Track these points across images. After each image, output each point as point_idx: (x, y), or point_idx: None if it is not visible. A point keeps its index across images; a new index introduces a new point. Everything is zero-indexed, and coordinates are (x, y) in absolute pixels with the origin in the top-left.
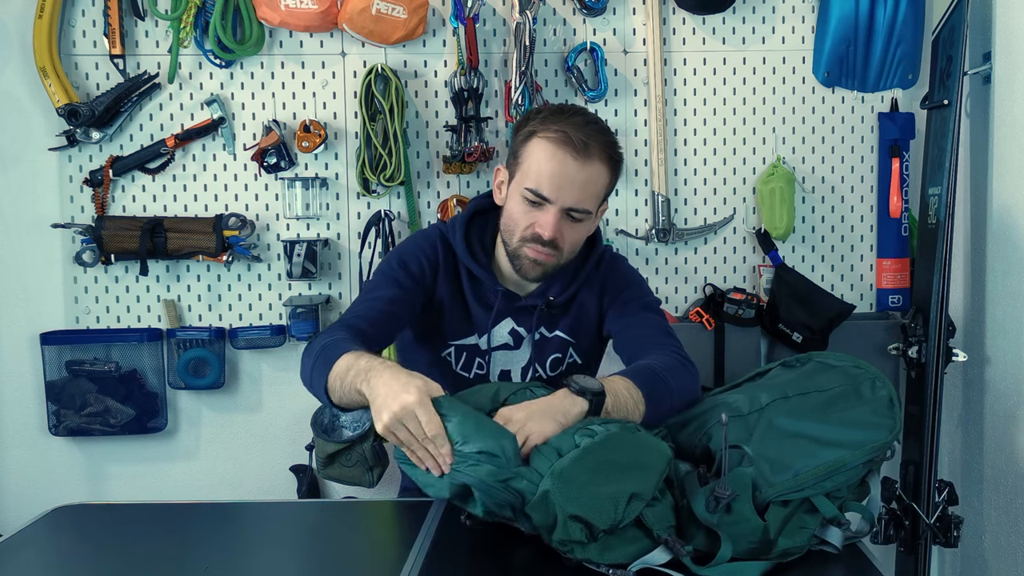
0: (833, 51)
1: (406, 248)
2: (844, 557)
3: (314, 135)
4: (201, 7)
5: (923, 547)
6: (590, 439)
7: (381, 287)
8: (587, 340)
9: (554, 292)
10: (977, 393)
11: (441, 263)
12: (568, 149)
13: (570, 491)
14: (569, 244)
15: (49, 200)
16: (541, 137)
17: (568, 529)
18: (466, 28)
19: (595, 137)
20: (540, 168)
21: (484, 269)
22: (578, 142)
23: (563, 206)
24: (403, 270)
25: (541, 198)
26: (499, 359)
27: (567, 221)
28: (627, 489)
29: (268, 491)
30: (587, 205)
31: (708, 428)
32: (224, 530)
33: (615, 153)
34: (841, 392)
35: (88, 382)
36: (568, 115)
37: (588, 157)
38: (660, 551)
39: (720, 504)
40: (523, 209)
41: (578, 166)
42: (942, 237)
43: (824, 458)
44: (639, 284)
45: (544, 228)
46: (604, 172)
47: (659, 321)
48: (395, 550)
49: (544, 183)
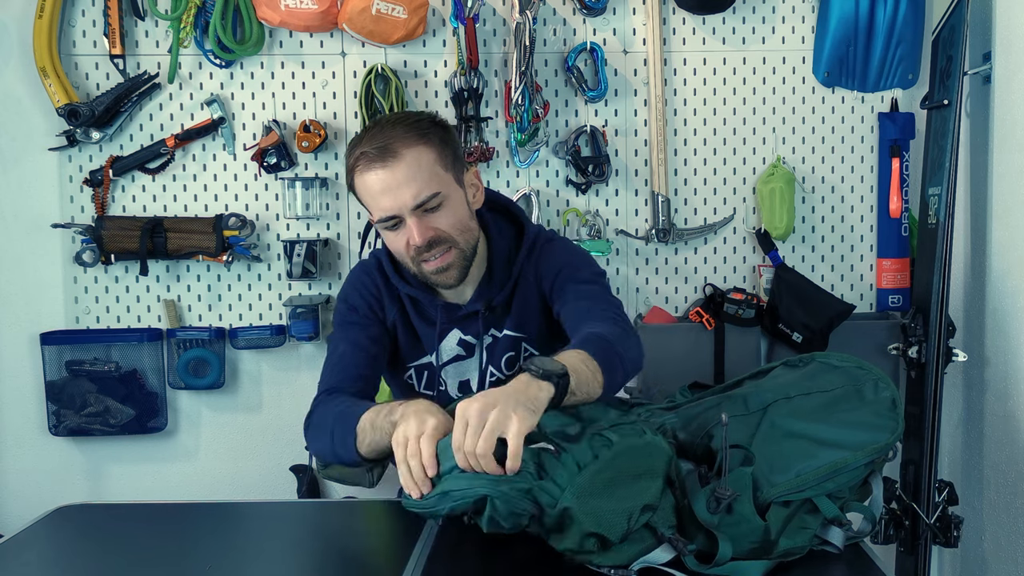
0: (833, 51)
1: (348, 288)
2: (846, 557)
3: (314, 135)
4: (201, 7)
5: (923, 547)
6: (607, 448)
7: (343, 339)
8: (537, 330)
9: (493, 294)
10: (977, 393)
11: (383, 291)
12: (374, 164)
13: (591, 509)
14: (451, 229)
15: (49, 200)
16: (356, 173)
17: (583, 543)
18: (466, 28)
19: (391, 132)
20: (371, 197)
21: (417, 288)
22: (376, 151)
23: (409, 209)
24: (353, 312)
25: (391, 219)
26: (454, 371)
27: (428, 216)
28: (641, 502)
29: (268, 491)
30: (429, 190)
31: (709, 427)
32: (224, 530)
33: (422, 127)
34: (843, 393)
35: (88, 382)
36: (363, 134)
37: (393, 155)
38: (662, 550)
39: (721, 505)
40: (391, 237)
41: (390, 170)
42: (942, 237)
43: (826, 459)
44: (575, 260)
45: (413, 237)
46: (423, 152)
47: (598, 291)
48: (397, 550)
49: (381, 205)
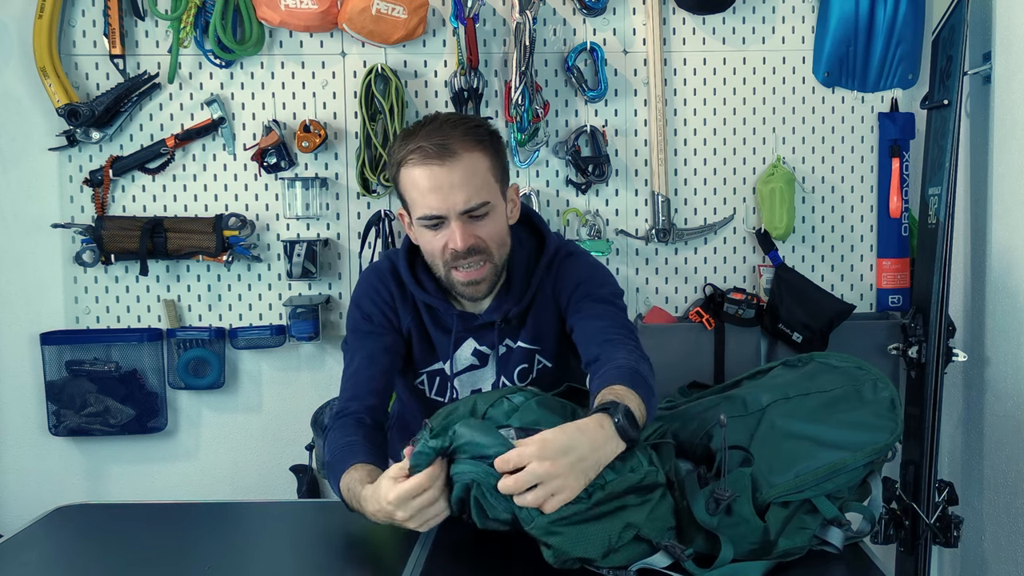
0: (833, 51)
1: (361, 294)
2: (846, 557)
3: (314, 135)
4: (201, 7)
5: (923, 547)
6: (601, 490)
7: (359, 350)
8: (552, 343)
9: (510, 305)
10: (977, 393)
11: (397, 298)
12: (431, 160)
13: (567, 532)
14: (490, 241)
15: (49, 200)
16: (405, 165)
17: (565, 563)
18: (466, 28)
19: (451, 133)
20: (419, 192)
21: (435, 296)
22: (435, 148)
23: (458, 213)
24: (368, 322)
25: (436, 218)
26: (467, 380)
27: (473, 223)
28: (621, 522)
29: (268, 491)
30: (480, 198)
31: (709, 428)
32: (224, 530)
33: (480, 135)
34: (842, 393)
35: (88, 382)
36: (419, 127)
37: (452, 156)
38: (661, 555)
39: (720, 506)
40: (430, 236)
41: (447, 170)
42: (942, 237)
43: (825, 459)
44: (596, 277)
45: (455, 241)
46: (479, 158)
47: (615, 312)
48: (396, 550)
49: (429, 203)
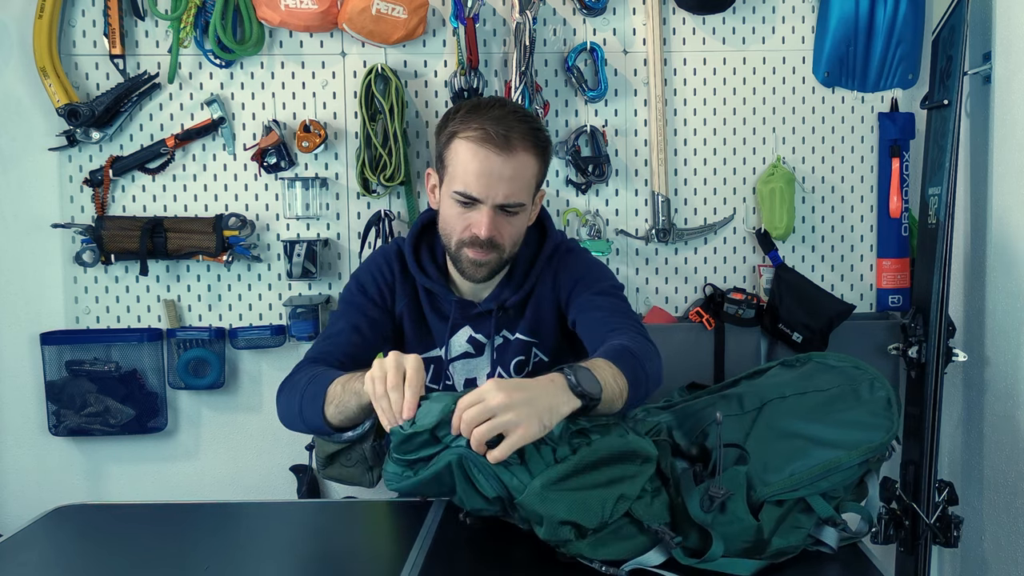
0: (833, 51)
1: (363, 270)
2: (844, 557)
3: (314, 135)
4: (201, 7)
5: (923, 547)
6: (587, 447)
7: (344, 317)
8: (550, 337)
9: (508, 295)
10: (977, 393)
11: (397, 280)
12: (490, 145)
13: (560, 499)
14: (508, 239)
15: (49, 200)
16: (462, 137)
17: (557, 531)
18: (466, 28)
19: (516, 128)
20: (465, 169)
21: (435, 281)
22: (498, 136)
23: (494, 203)
24: (362, 295)
25: (471, 199)
26: (462, 368)
27: (502, 217)
28: (615, 492)
29: (268, 491)
30: (519, 198)
31: (704, 427)
32: (224, 530)
33: (540, 139)
34: (839, 393)
35: (88, 382)
36: (486, 109)
37: (511, 150)
38: (654, 552)
39: (714, 503)
40: (456, 212)
41: (502, 161)
42: (942, 237)
43: (819, 458)
44: (595, 271)
45: (479, 228)
46: (531, 161)
47: (618, 303)
48: (395, 550)
49: (471, 184)
